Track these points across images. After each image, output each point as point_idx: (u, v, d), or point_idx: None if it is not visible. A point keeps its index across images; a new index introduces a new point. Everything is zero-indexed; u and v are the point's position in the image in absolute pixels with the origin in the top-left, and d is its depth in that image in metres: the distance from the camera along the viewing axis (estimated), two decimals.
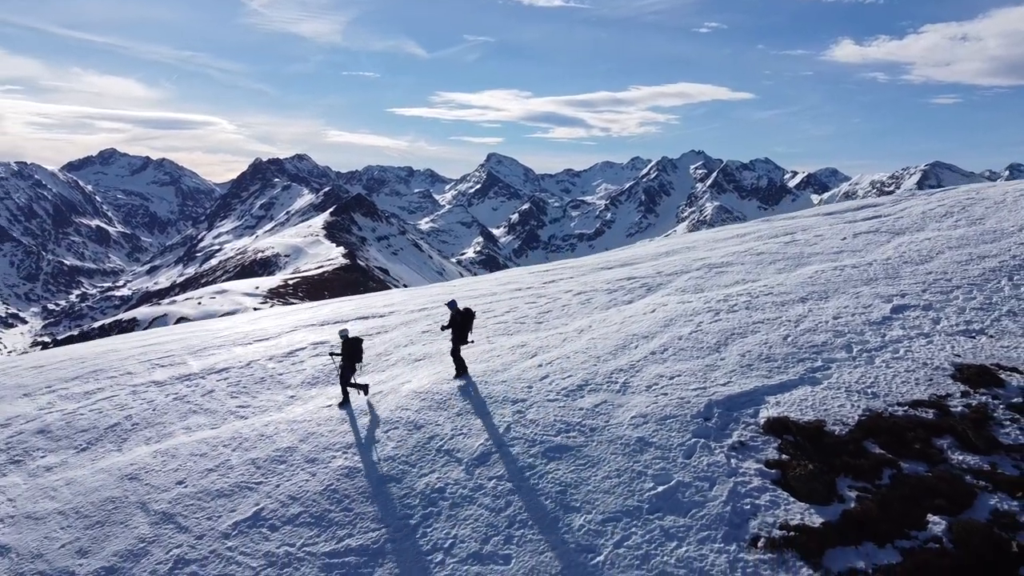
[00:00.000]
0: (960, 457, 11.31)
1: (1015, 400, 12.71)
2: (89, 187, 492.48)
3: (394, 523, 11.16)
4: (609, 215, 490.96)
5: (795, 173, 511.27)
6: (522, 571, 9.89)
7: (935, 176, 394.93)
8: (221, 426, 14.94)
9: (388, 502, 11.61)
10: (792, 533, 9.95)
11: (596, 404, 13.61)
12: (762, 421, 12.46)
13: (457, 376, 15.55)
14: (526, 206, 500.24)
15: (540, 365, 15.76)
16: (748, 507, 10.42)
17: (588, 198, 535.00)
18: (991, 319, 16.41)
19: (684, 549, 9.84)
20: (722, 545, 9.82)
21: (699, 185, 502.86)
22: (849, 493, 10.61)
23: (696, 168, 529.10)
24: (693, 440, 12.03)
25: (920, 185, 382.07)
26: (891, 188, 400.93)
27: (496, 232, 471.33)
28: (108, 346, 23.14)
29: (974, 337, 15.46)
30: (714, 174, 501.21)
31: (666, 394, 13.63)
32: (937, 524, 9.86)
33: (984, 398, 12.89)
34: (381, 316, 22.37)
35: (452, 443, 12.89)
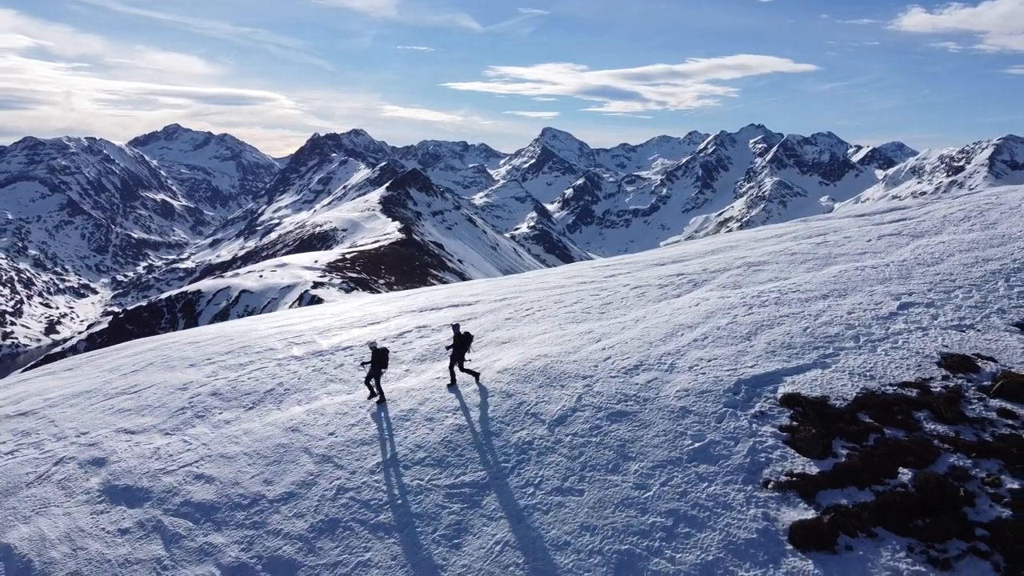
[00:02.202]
0: (932, 426, 13.82)
1: (985, 383, 15.16)
2: (154, 162, 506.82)
3: (496, 466, 14.04)
4: (665, 190, 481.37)
5: (859, 147, 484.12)
6: (592, 501, 12.66)
7: (1008, 150, 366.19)
8: (355, 392, 18.17)
9: (490, 450, 14.58)
10: (794, 478, 12.69)
11: (648, 380, 16.15)
12: (779, 396, 15.04)
13: (449, 387, 17.43)
14: (580, 181, 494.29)
15: (603, 348, 18.19)
16: (763, 459, 13.21)
17: (644, 173, 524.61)
18: (982, 316, 18.35)
19: (713, 488, 12.65)
20: (741, 486, 12.67)
21: (758, 160, 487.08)
22: (841, 451, 13.24)
23: (755, 142, 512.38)
24: (724, 409, 14.73)
25: (992, 160, 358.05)
26: (961, 163, 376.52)
27: (550, 207, 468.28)
28: (248, 326, 26.86)
29: (963, 331, 17.51)
30: (774, 149, 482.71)
31: (704, 373, 16.21)
32: (905, 475, 12.50)
33: (960, 381, 15.26)
34: (469, 304, 24.93)
35: (536, 408, 15.74)
